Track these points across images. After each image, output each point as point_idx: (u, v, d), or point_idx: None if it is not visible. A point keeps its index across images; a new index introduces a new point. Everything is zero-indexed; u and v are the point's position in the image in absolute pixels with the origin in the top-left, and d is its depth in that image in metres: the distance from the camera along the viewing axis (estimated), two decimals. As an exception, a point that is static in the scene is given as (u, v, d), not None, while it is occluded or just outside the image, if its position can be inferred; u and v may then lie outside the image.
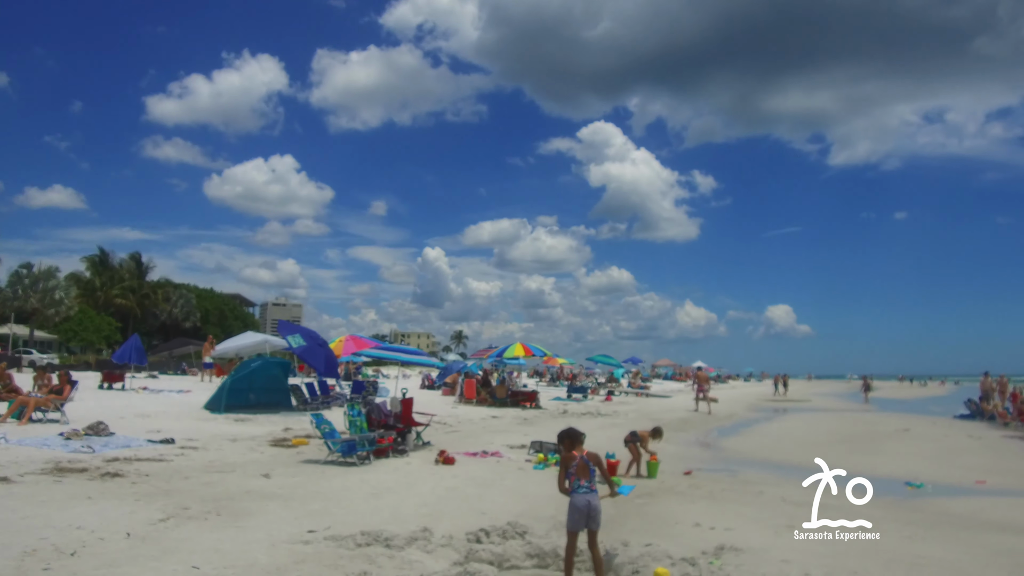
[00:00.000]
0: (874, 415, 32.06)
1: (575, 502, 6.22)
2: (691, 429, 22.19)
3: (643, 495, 10.58)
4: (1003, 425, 25.85)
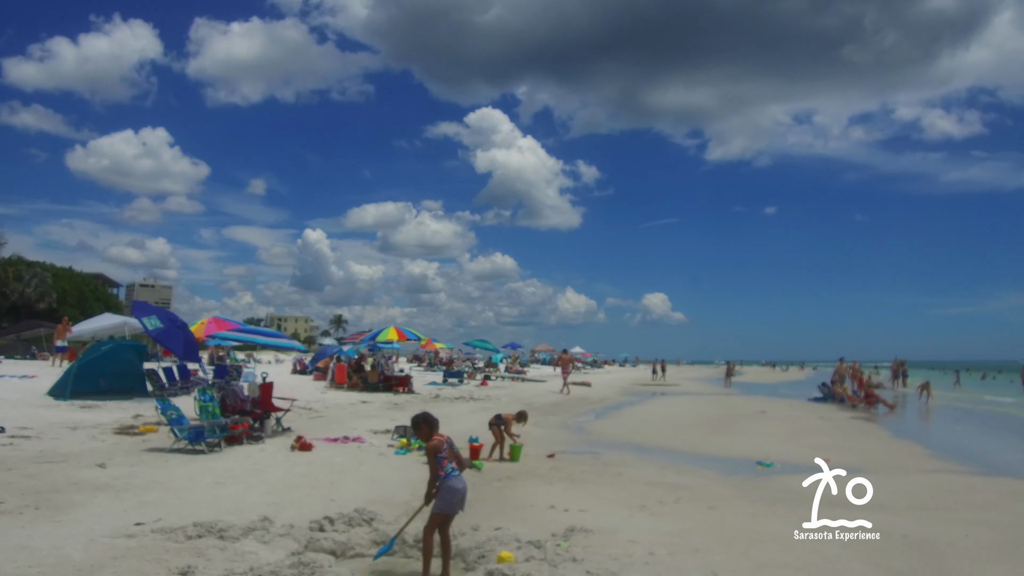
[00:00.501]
0: (736, 398, 33.47)
1: (454, 484, 6.05)
2: (561, 413, 22.43)
3: (503, 478, 10.50)
4: (851, 407, 27.48)
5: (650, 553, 6.53)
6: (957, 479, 11.71)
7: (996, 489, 10.69)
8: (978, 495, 10.21)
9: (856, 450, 15.09)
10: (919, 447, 16.10)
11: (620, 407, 26.48)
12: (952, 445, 17.53)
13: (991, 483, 11.28)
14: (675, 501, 9.10)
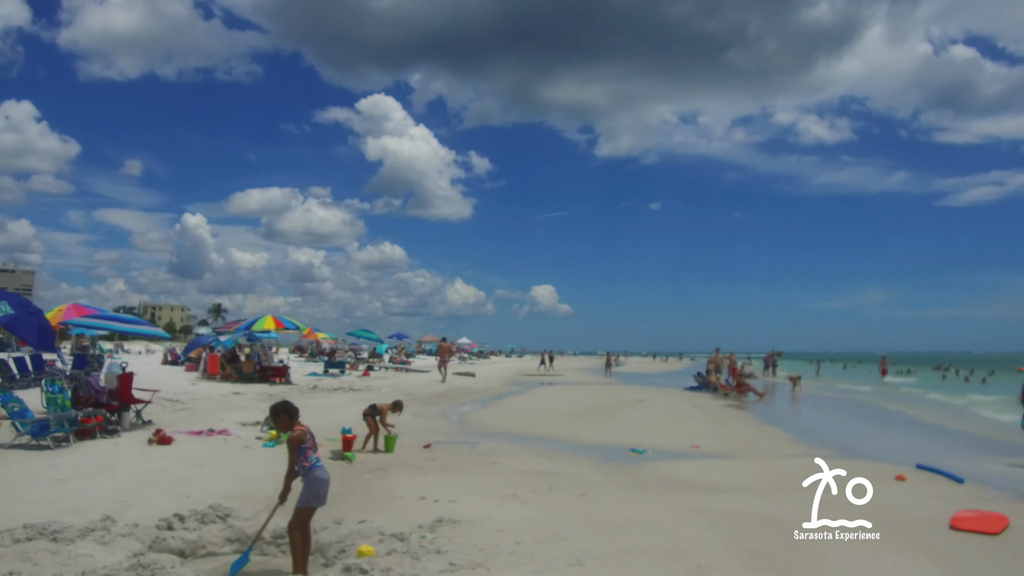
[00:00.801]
0: (616, 388, 34.19)
1: (320, 476, 5.77)
2: (442, 403, 22.25)
3: (375, 470, 10.24)
4: (724, 396, 28.55)
5: (517, 542, 6.44)
6: (813, 462, 12.22)
7: (849, 470, 11.17)
8: (834, 477, 10.69)
9: (725, 436, 15.62)
10: (783, 432, 16.80)
11: (502, 397, 26.53)
12: (813, 431, 18.40)
13: (846, 465, 11.73)
14: (547, 489, 9.09)
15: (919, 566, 6.14)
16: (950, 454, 13.61)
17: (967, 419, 21.49)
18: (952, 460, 12.34)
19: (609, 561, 5.98)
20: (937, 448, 14.83)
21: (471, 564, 5.78)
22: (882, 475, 10.75)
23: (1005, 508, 8.66)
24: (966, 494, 9.59)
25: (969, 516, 7.67)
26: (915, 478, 10.54)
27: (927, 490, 9.75)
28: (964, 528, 7.37)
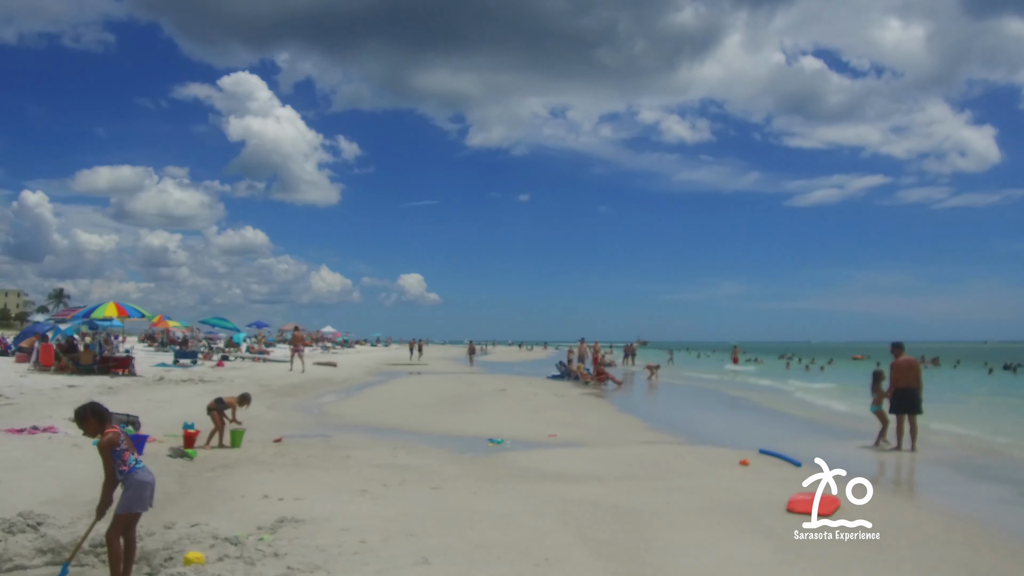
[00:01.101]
0: (480, 377, 34.27)
1: (143, 478, 5.25)
2: (300, 394, 21.54)
3: (218, 467, 9.66)
4: (584, 384, 29.16)
5: (362, 541, 6.18)
6: (667, 449, 12.60)
7: (698, 457, 11.61)
8: (682, 463, 11.01)
9: (583, 425, 15.87)
10: (638, 420, 17.26)
11: (364, 387, 26.03)
12: (667, 418, 19.03)
13: (694, 451, 12.27)
14: (400, 484, 8.84)
15: (757, 548, 6.33)
16: (790, 438, 14.34)
17: (806, 405, 22.82)
18: (791, 444, 12.99)
19: (456, 557, 5.82)
20: (779, 433, 15.62)
21: (310, 567, 5.47)
22: (727, 460, 11.20)
23: (836, 489, 9.16)
24: (803, 477, 10.03)
25: (804, 499, 7.99)
26: (757, 463, 10.99)
27: (768, 473, 10.17)
28: (800, 510, 7.66)
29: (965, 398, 25.56)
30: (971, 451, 13.03)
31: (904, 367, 13.05)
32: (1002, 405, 23.57)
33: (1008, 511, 8.58)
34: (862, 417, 14.71)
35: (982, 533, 7.24)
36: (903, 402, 12.94)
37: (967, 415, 19.40)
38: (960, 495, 9.55)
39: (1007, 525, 7.75)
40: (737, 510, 7.78)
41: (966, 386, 32.54)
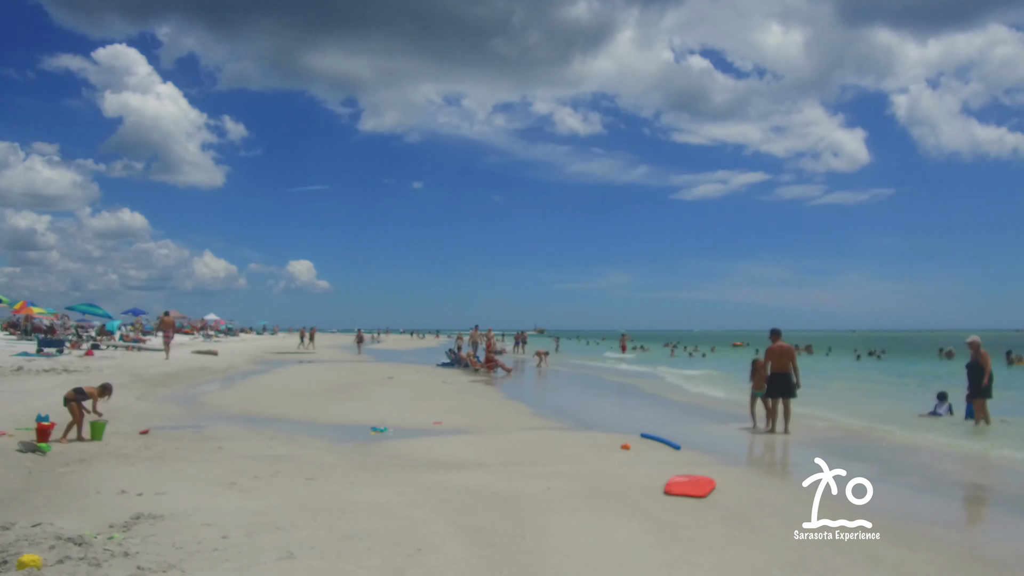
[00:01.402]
0: (369, 365, 33.66)
1: None
2: (175, 384, 20.52)
3: (74, 462, 8.96)
4: (474, 372, 29.09)
5: (224, 536, 5.80)
6: (551, 434, 12.62)
7: (579, 442, 11.65)
8: (565, 448, 11.03)
9: (469, 412, 15.74)
10: (524, 407, 17.28)
11: (246, 376, 25.08)
12: (552, 404, 19.15)
13: (577, 436, 12.33)
14: (272, 475, 8.44)
15: (634, 532, 6.32)
16: (671, 422, 14.66)
17: (686, 391, 23.44)
18: (672, 428, 13.26)
19: (324, 550, 5.54)
20: (660, 417, 15.94)
21: (163, 566, 5.07)
22: (609, 445, 11.28)
23: (712, 471, 9.31)
24: (682, 460, 10.25)
25: (680, 481, 8.11)
26: (638, 447, 11.13)
27: (648, 457, 10.29)
28: (676, 493, 7.76)
29: (826, 383, 26.88)
30: (839, 433, 13.61)
31: (778, 353, 13.52)
32: (860, 389, 24.88)
33: (875, 488, 8.94)
34: (739, 402, 15.18)
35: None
36: (776, 386, 13.42)
37: (831, 399, 20.36)
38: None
39: (871, 501, 8.06)
40: (617, 494, 7.79)
41: (833, 371, 34.33)
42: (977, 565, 5.71)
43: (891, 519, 7.11)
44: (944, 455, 11.35)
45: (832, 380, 27.84)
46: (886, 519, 7.13)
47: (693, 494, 7.71)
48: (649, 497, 7.66)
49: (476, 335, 34.30)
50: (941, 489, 9.16)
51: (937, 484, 9.49)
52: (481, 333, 34.37)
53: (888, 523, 6.90)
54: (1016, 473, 10.16)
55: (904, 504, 8.13)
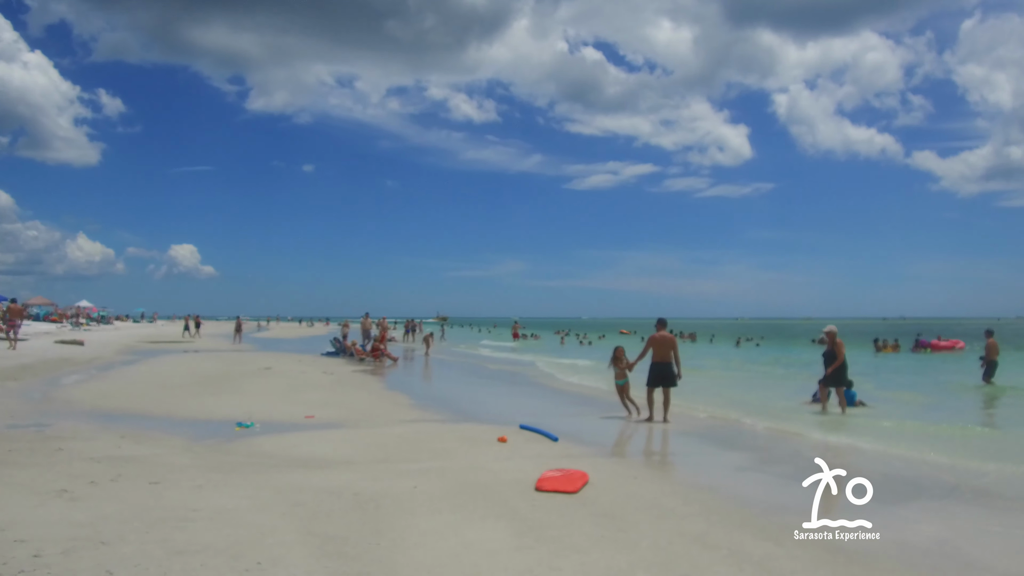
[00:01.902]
0: (247, 355, 32.26)
1: None
2: (29, 376, 18.94)
3: None
4: (359, 361, 28.34)
5: (35, 555, 5.11)
6: (428, 427, 12.20)
7: (457, 435, 11.28)
8: (440, 442, 10.63)
9: (346, 404, 15.14)
10: (406, 398, 16.78)
11: (112, 368, 23.52)
12: (435, 395, 18.77)
13: (455, 429, 11.95)
14: (112, 479, 7.67)
15: (498, 534, 5.99)
16: (554, 413, 14.52)
17: (571, 379, 23.47)
18: (553, 419, 13.11)
19: (150, 568, 4.94)
20: (543, 407, 15.80)
21: (-51, 595, 4.39)
22: (486, 437, 10.97)
23: (588, 463, 9.14)
24: (559, 452, 10.05)
25: (553, 476, 7.87)
26: (516, 439, 10.86)
27: (524, 450, 10.03)
28: (547, 488, 7.51)
29: (707, 371, 27.61)
30: (718, 421, 13.77)
31: (660, 342, 13.56)
32: (740, 377, 25.59)
33: (745, 479, 8.97)
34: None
35: (719, 503, 7.41)
36: (657, 375, 13.47)
37: (711, 386, 20.81)
38: (703, 465, 9.95)
39: (742, 493, 8.05)
40: (486, 491, 7.46)
41: (715, 358, 35.39)
42: (841, 558, 5.65)
43: (763, 512, 7.08)
44: (815, 444, 11.58)
45: (713, 368, 28.60)
46: (759, 511, 7.12)
47: (564, 490, 7.48)
48: (520, 494, 7.37)
49: (367, 323, 33.58)
50: (805, 479, 9.25)
51: (804, 473, 9.61)
52: (373, 321, 33.73)
53: (758, 517, 6.86)
54: (878, 461, 10.41)
55: (774, 494, 8.16)
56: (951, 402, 17.93)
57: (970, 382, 20.76)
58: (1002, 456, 10.41)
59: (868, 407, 15.22)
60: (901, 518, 6.93)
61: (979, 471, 9.32)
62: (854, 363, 32.25)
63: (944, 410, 16.11)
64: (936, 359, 34.97)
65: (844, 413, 14.44)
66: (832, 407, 15.22)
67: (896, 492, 8.12)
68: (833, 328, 15.15)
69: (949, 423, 13.48)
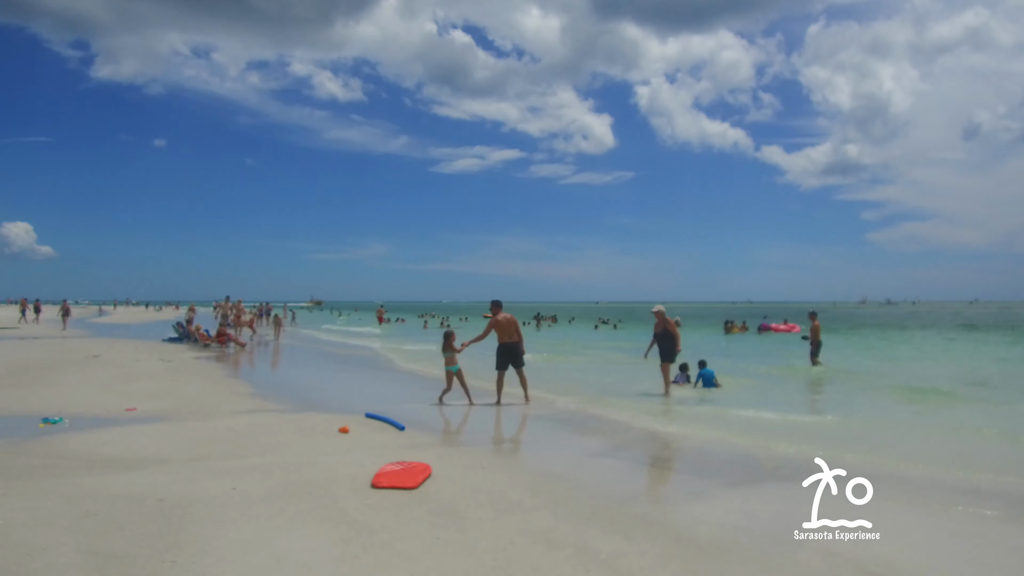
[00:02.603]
0: (74, 342, 29.48)
1: None
2: None
3: None
4: (204, 347, 26.59)
5: None
6: (265, 418, 11.21)
7: (295, 426, 10.39)
8: (276, 435, 9.73)
9: (177, 395, 13.82)
10: (246, 386, 15.60)
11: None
12: (278, 382, 17.68)
13: (293, 420, 11.03)
14: None
15: (319, 542, 5.27)
16: (405, 399, 13.84)
17: (425, 365, 22.83)
18: (403, 406, 12.49)
19: None
20: (395, 393, 15.10)
21: None
22: (328, 428, 10.19)
23: (434, 454, 8.56)
24: (404, 442, 9.41)
25: (391, 471, 7.21)
26: (360, 429, 10.14)
27: (367, 441, 9.33)
28: (385, 485, 6.86)
29: (567, 353, 27.72)
30: (570, 405, 13.48)
31: (504, 323, 13.29)
32: (597, 361, 25.75)
33: (597, 465, 8.60)
34: (475, 374, 14.62)
35: (568, 493, 6.97)
36: (505, 356, 13.19)
37: (567, 371, 20.73)
38: (555, 452, 9.50)
39: (593, 481, 7.67)
40: (315, 490, 6.70)
41: (574, 340, 35.76)
42: (691, 550, 5.32)
43: (614, 501, 6.70)
44: (662, 430, 11.44)
45: (571, 352, 28.73)
46: (610, 501, 6.73)
47: (403, 485, 6.84)
48: (354, 492, 6.67)
49: (225, 307, 31.92)
50: (657, 465, 9.04)
51: (657, 458, 9.41)
52: (230, 305, 32.07)
53: (608, 507, 6.46)
54: (719, 445, 10.32)
55: (626, 482, 7.84)
56: (788, 384, 18.41)
57: (801, 364, 21.50)
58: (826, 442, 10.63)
59: (723, 389, 15.42)
60: (746, 501, 6.74)
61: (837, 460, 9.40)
62: (707, 344, 33.48)
63: (781, 391, 16.48)
64: (778, 340, 36.67)
65: (667, 394, 14.42)
66: (684, 389, 15.37)
67: (741, 476, 7.99)
68: (661, 308, 15.17)
69: (787, 406, 13.53)
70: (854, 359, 24.33)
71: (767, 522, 6.10)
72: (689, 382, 16.12)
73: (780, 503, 6.80)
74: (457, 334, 14.02)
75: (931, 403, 14.05)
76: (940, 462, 8.60)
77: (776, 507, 6.64)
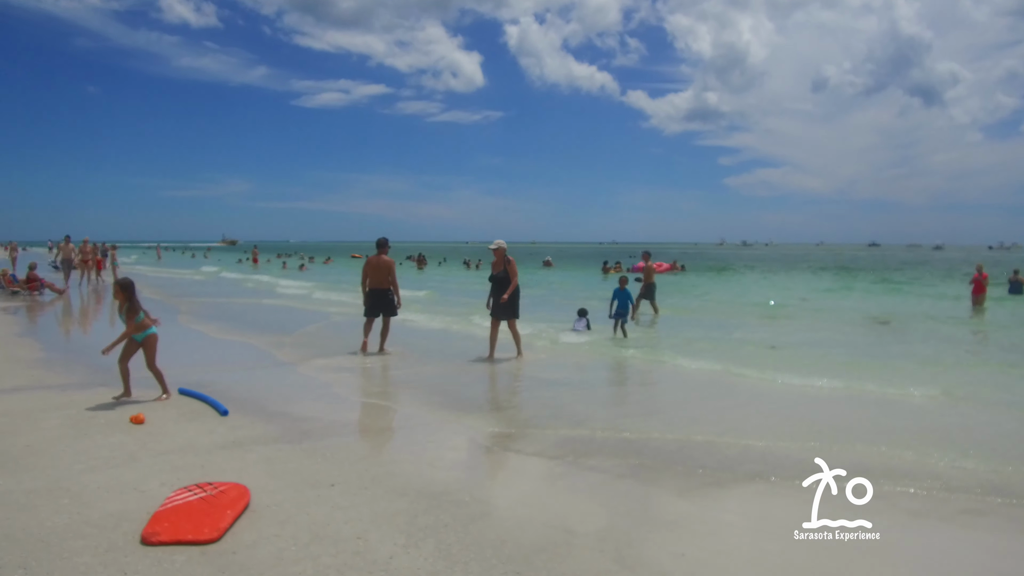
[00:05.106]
0: None
1: None
2: None
3: None
4: (11, 294, 22.58)
5: None
6: (27, 401, 8.08)
7: (68, 414, 7.29)
8: (31, 431, 6.77)
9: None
10: (34, 348, 12.13)
11: None
12: (83, 342, 14.24)
13: (72, 401, 7.88)
14: None
15: None
16: (242, 362, 11.14)
17: (279, 307, 19.98)
18: (238, 372, 9.86)
19: None
20: (233, 356, 12.22)
21: None
22: (115, 415, 7.39)
23: (259, 457, 6.04)
24: (224, 434, 6.78)
25: (180, 506, 4.60)
26: (164, 414, 7.42)
27: (167, 437, 6.62)
28: (165, 540, 4.25)
29: (442, 297, 25.61)
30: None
31: (375, 266, 11.89)
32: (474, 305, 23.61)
33: (501, 467, 6.36)
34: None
35: (470, 536, 4.67)
36: (374, 304, 11.90)
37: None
38: (435, 441, 7.11)
39: (502, 504, 5.41)
40: (37, 563, 4.05)
41: (450, 284, 33.64)
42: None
43: (532, 545, 4.43)
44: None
45: (448, 296, 26.60)
46: (531, 541, 4.44)
47: (196, 539, 4.27)
48: (103, 559, 4.05)
49: (67, 248, 27.86)
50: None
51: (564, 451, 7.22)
52: (72, 245, 28.12)
53: (527, 559, 4.18)
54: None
55: (543, 502, 5.60)
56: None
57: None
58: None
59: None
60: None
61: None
62: (587, 285, 31.96)
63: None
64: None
65: (519, 354, 11.84)
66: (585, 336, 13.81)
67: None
68: (502, 243, 11.60)
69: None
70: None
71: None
72: (589, 328, 14.47)
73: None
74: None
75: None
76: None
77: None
